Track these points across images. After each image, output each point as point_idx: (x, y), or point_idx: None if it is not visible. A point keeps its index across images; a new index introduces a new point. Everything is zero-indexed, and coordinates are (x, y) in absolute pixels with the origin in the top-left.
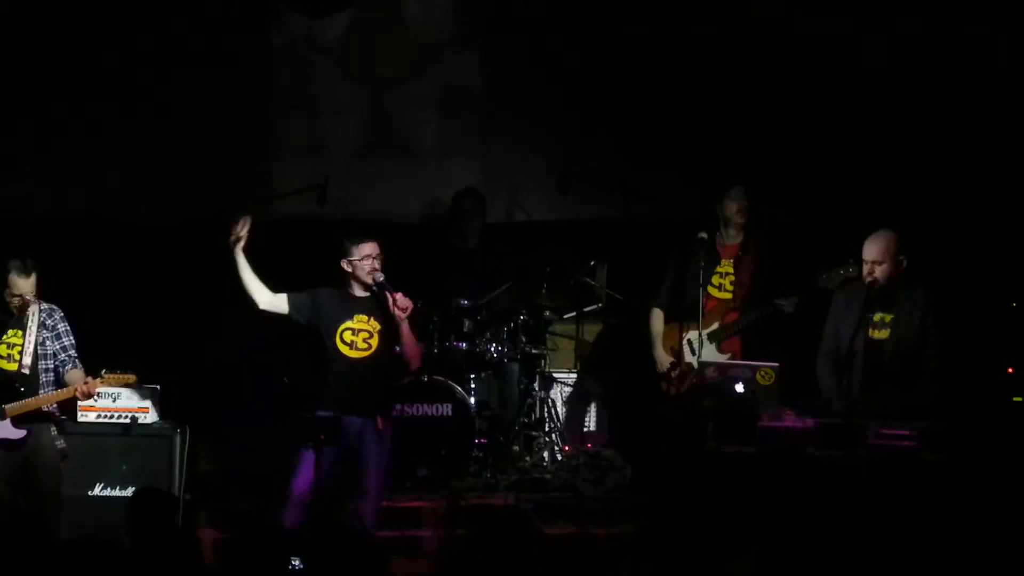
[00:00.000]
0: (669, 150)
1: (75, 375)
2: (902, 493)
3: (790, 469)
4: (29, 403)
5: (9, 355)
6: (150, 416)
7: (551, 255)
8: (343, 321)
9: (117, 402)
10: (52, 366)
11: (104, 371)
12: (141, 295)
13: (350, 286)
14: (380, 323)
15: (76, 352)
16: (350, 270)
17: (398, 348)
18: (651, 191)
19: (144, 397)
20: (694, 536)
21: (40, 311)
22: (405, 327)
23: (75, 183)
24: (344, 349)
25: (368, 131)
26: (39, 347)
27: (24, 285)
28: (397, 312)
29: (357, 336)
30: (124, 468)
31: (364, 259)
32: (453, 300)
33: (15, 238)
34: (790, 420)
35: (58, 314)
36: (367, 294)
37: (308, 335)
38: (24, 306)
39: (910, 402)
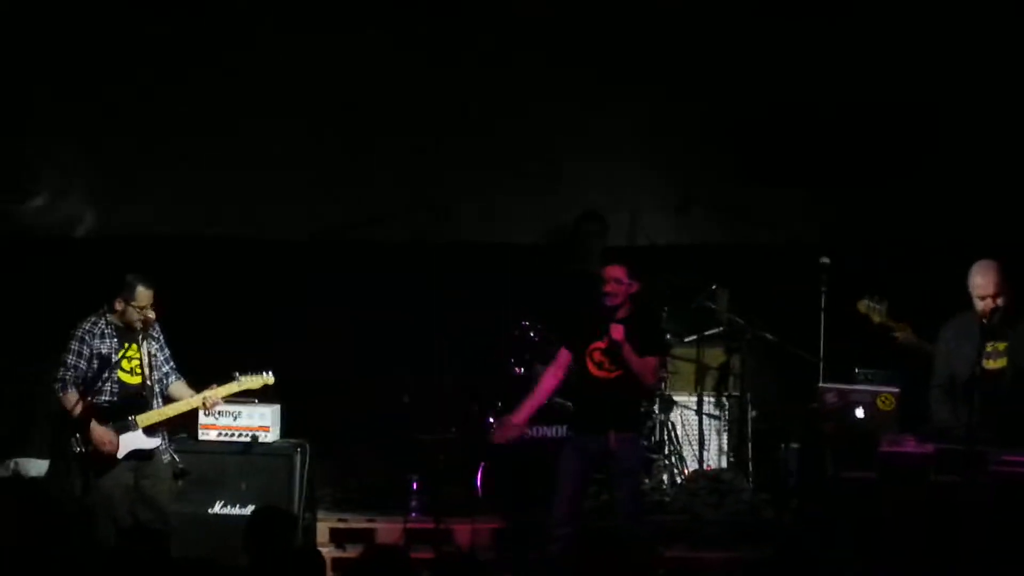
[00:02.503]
0: (792, 174)
1: (181, 387)
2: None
3: (911, 495)
4: (163, 412)
5: (132, 369)
6: (271, 435)
7: (672, 278)
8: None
9: (238, 420)
10: (161, 377)
11: (237, 373)
12: (260, 313)
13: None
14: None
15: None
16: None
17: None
18: (773, 216)
19: (265, 415)
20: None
21: None
22: (625, 350)
23: (185, 201)
24: (592, 368)
25: (487, 152)
26: (152, 359)
27: (149, 297)
28: None
29: (604, 357)
30: (244, 486)
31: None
32: None
33: (132, 257)
34: (911, 446)
35: (158, 325)
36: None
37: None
38: (148, 321)
39: None
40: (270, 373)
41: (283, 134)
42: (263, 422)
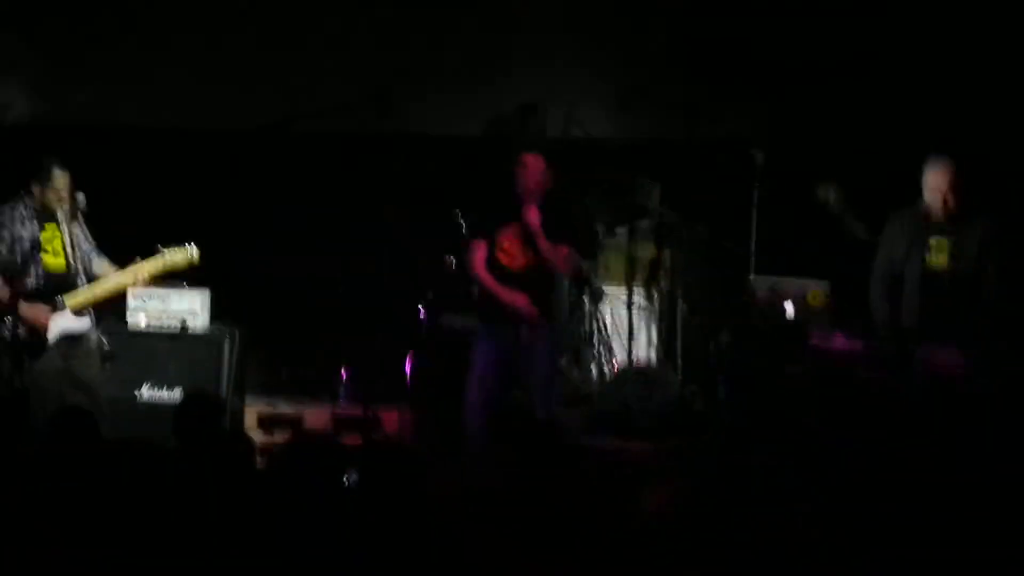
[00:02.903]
0: (733, 71)
1: (105, 265)
2: (948, 419)
3: (837, 390)
4: (90, 291)
5: (55, 251)
6: (200, 320)
7: (605, 172)
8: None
9: (167, 305)
10: (83, 256)
11: (159, 245)
12: (194, 202)
13: None
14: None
15: None
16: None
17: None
18: (712, 112)
19: (194, 300)
20: (733, 453)
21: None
22: (537, 235)
23: (131, 92)
24: (502, 258)
25: (427, 45)
26: (74, 238)
27: (66, 179)
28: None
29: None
30: (172, 371)
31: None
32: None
33: (75, 144)
34: (839, 341)
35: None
36: None
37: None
38: (71, 203)
39: (965, 331)
40: (193, 246)
41: (229, 23)
42: (192, 307)
